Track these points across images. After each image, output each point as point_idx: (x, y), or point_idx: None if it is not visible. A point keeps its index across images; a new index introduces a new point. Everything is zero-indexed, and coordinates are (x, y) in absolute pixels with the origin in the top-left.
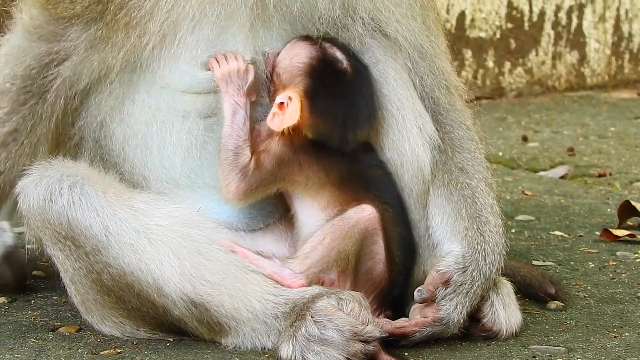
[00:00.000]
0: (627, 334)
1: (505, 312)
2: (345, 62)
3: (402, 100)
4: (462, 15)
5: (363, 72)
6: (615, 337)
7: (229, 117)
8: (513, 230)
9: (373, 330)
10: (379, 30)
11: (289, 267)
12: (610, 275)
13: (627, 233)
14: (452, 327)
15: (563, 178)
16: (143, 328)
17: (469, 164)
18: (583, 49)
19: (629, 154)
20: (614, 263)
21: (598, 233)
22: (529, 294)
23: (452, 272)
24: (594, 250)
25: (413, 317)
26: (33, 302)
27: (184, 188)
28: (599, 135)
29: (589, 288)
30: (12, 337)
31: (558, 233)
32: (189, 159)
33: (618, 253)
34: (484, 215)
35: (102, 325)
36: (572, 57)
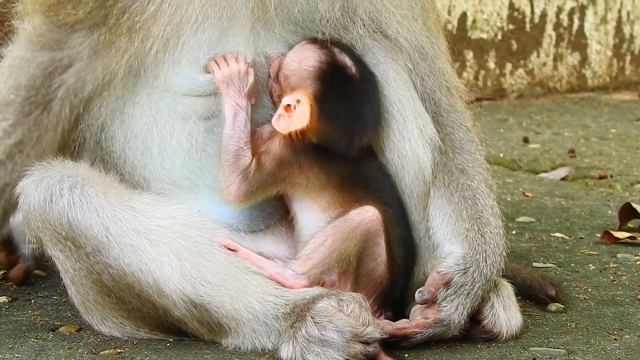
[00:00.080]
0: (627, 337)
1: (506, 313)
2: (354, 67)
3: (402, 102)
4: (463, 16)
5: (370, 77)
6: (616, 339)
7: (230, 119)
8: (514, 232)
9: (373, 332)
10: (380, 32)
11: (291, 267)
12: (611, 278)
13: (627, 235)
14: (452, 328)
15: (564, 180)
16: (143, 329)
17: (470, 166)
18: (584, 51)
19: (630, 156)
20: (615, 265)
21: (599, 235)
22: (530, 296)
23: (453, 273)
24: (595, 252)
25: (414, 318)
26: (33, 301)
27: (184, 189)
28: (600, 137)
29: (590, 290)
30: (12, 336)
31: (559, 235)
32: (190, 161)
33: (619, 255)
34: (485, 217)
35: (102, 326)
36: (573, 58)
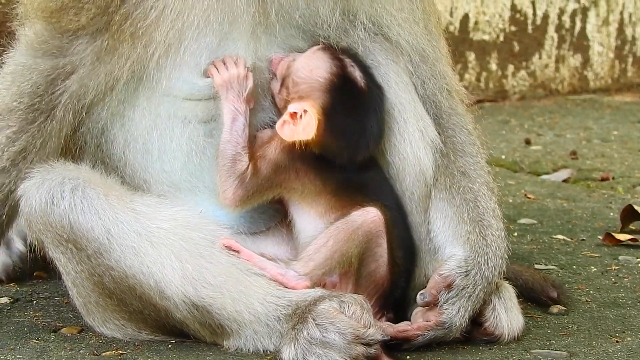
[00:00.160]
0: (629, 339)
1: (507, 316)
2: (363, 81)
3: (403, 104)
4: (465, 18)
5: (377, 90)
6: (617, 341)
7: (229, 123)
8: (515, 234)
9: (375, 333)
10: (381, 34)
11: (293, 268)
12: (613, 280)
13: (629, 237)
14: (454, 331)
15: (566, 182)
16: (145, 331)
17: (471, 168)
18: (586, 53)
19: (632, 158)
20: (616, 267)
21: (600, 237)
22: (531, 298)
23: (454, 275)
24: (596, 255)
25: (415, 320)
26: (35, 302)
27: (185, 192)
28: (602, 139)
29: (591, 292)
30: (14, 337)
31: (560, 237)
32: (189, 164)
33: (620, 257)
34: (486, 219)
35: (103, 328)
36: (575, 60)
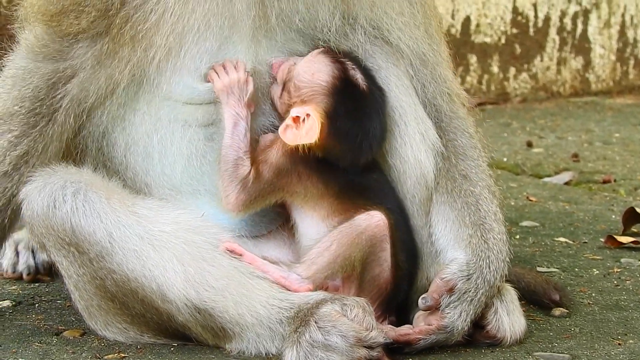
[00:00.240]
0: (631, 341)
1: (510, 318)
2: (365, 84)
3: (404, 107)
4: (467, 21)
5: (379, 93)
6: (620, 344)
7: (230, 128)
8: (517, 237)
9: (377, 336)
10: (381, 38)
11: (296, 271)
12: (615, 282)
13: (631, 240)
14: (456, 334)
15: (567, 184)
16: (147, 334)
17: (473, 172)
18: (588, 55)
19: (634, 160)
20: (619, 270)
21: (602, 240)
22: (533, 301)
23: (456, 279)
24: (599, 257)
25: (417, 324)
26: (37, 306)
27: (186, 195)
28: (604, 142)
29: (594, 295)
30: (16, 340)
31: (562, 239)
32: (190, 167)
33: (622, 260)
34: (488, 223)
35: (106, 331)
36: (577, 62)
